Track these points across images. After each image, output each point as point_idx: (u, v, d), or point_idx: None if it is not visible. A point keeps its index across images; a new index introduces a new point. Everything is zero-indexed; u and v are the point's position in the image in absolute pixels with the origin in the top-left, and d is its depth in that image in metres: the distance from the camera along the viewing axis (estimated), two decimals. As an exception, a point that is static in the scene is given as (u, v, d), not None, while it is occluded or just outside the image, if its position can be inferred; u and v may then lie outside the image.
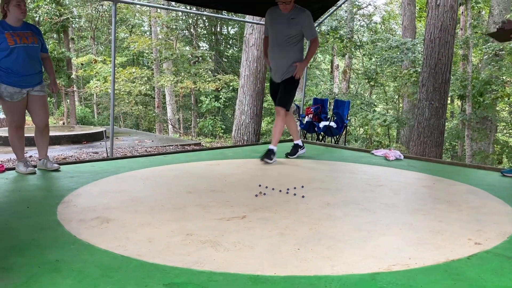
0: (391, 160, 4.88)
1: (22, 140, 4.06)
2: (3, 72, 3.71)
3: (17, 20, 3.77)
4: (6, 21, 3.74)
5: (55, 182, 3.61)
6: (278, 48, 4.56)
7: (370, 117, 11.33)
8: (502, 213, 2.82)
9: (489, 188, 3.51)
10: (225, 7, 6.30)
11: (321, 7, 6.13)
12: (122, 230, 2.41)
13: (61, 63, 15.70)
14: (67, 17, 16.27)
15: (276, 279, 1.80)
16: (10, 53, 3.68)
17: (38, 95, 3.96)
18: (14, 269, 1.89)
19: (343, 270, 1.90)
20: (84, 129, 11.51)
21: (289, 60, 4.53)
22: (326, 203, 2.99)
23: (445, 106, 7.54)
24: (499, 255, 2.08)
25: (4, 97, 3.75)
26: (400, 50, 12.48)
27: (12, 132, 3.95)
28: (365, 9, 19.49)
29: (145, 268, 1.91)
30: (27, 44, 3.78)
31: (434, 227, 2.49)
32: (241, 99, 9.22)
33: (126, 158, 5.04)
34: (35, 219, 2.59)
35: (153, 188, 3.42)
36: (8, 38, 3.67)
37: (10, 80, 3.73)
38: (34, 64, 3.87)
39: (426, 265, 1.96)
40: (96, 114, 20.91)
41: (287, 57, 4.53)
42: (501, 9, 11.36)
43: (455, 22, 7.43)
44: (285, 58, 4.54)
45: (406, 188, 3.57)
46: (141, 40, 15.69)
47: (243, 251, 2.11)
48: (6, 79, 3.72)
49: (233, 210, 2.80)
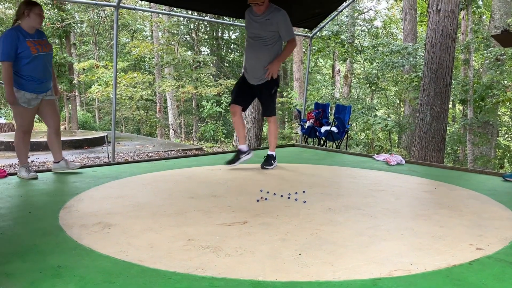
0: (393, 165, 4.88)
1: (27, 146, 4.09)
2: (24, 80, 3.76)
3: (32, 28, 3.82)
4: (22, 27, 3.78)
5: (57, 187, 3.62)
6: (252, 49, 4.44)
7: (372, 122, 11.33)
8: (503, 218, 2.81)
9: (490, 193, 3.51)
10: (226, 13, 6.32)
11: (322, 12, 6.16)
12: (123, 235, 2.41)
13: (63, 68, 15.76)
14: (69, 22, 16.36)
15: (277, 285, 1.81)
16: (32, 61, 3.74)
17: (51, 99, 4.05)
18: (16, 274, 1.89)
19: (345, 275, 1.90)
20: (86, 134, 11.53)
21: (263, 62, 4.36)
22: (328, 208, 2.99)
23: (446, 111, 7.54)
24: (500, 261, 2.08)
25: (21, 103, 3.81)
26: (401, 55, 12.48)
27: (19, 137, 3.99)
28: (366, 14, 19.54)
29: (146, 273, 1.91)
30: (46, 52, 3.89)
31: (435, 232, 2.49)
32: (242, 104, 9.22)
33: (127, 163, 5.05)
34: (37, 225, 2.60)
35: (155, 193, 3.42)
36: (31, 46, 3.74)
37: (31, 87, 3.80)
38: (49, 70, 3.97)
39: (427, 270, 1.96)
40: (97, 119, 20.95)
41: (260, 59, 4.37)
42: (502, 13, 11.38)
43: (456, 27, 7.45)
44: (258, 59, 4.37)
45: (408, 193, 3.57)
46: (142, 45, 15.73)
47: (244, 256, 2.11)
48: (28, 86, 3.78)
49: (234, 215, 2.80)
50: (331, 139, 7.25)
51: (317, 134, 7.43)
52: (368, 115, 12.05)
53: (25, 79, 3.75)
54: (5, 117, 18.23)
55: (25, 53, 3.70)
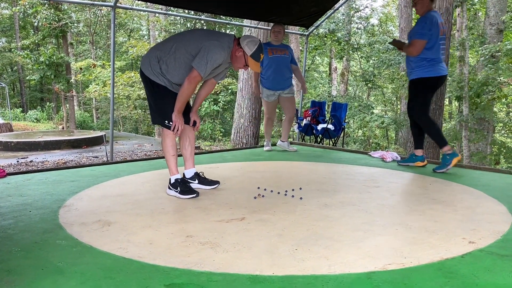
0: (388, 161, 4.93)
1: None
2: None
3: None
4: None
5: (56, 186, 3.66)
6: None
7: (368, 119, 11.38)
8: (496, 212, 2.86)
9: (484, 188, 3.56)
10: (222, 12, 6.35)
11: (318, 10, 6.20)
12: (123, 232, 2.45)
13: (60, 67, 15.77)
14: (65, 22, 16.34)
15: (274, 279, 1.85)
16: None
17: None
18: (18, 271, 1.93)
19: (340, 269, 1.94)
20: (84, 133, 11.55)
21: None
22: (324, 204, 3.03)
23: (442, 108, 7.60)
24: (492, 254, 2.13)
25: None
26: (397, 52, 12.53)
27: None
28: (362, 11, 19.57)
29: (146, 269, 1.95)
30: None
31: (429, 227, 2.54)
32: (239, 102, 9.27)
33: (126, 162, 5.09)
34: (38, 223, 2.64)
35: (153, 191, 3.46)
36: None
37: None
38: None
39: (421, 264, 2.00)
40: (95, 118, 20.96)
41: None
42: (497, 10, 11.44)
43: (451, 24, 7.49)
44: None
45: (403, 189, 3.61)
46: (139, 44, 15.75)
47: (242, 252, 2.15)
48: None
49: (232, 212, 2.84)
50: (327, 136, 7.29)
51: (313, 131, 7.47)
52: (364, 113, 12.10)
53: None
54: (2, 117, 18.22)
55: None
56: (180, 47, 3.12)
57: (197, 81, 3.09)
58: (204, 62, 3.00)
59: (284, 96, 5.54)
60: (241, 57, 3.15)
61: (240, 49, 3.13)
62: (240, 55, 3.15)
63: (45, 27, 16.27)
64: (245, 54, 3.12)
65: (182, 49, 3.11)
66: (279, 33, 5.48)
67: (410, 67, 4.36)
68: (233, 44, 3.15)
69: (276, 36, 5.48)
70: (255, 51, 3.11)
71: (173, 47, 3.14)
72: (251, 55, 3.11)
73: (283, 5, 5.79)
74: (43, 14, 15.98)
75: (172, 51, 3.13)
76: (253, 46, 3.10)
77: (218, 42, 3.08)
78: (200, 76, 3.04)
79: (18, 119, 20.66)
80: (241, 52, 3.13)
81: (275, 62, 5.41)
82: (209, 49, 3.02)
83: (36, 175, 4.15)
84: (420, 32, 4.22)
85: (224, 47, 3.09)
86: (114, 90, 7.79)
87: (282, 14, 6.04)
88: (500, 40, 11.56)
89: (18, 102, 25.80)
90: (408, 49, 4.30)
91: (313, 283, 1.80)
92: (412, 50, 4.25)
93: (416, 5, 4.33)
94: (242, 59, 3.16)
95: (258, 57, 3.14)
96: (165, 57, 3.14)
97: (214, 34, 3.21)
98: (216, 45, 3.05)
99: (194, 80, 3.05)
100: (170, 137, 3.28)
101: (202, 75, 3.04)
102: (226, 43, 3.12)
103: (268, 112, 5.74)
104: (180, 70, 3.13)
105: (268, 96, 5.53)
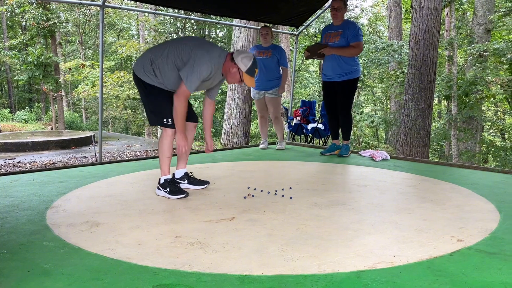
0: (378, 160, 4.95)
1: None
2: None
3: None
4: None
5: (44, 187, 3.61)
6: None
7: (358, 119, 11.42)
8: (484, 210, 2.88)
9: (472, 187, 3.58)
10: (212, 11, 6.34)
11: (307, 10, 6.20)
12: (111, 233, 2.43)
13: (49, 68, 15.62)
14: (54, 21, 16.19)
15: (263, 279, 1.84)
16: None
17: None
18: (3, 273, 1.90)
19: (329, 268, 1.94)
20: (73, 134, 11.46)
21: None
22: (314, 204, 3.03)
23: (430, 107, 7.65)
24: (480, 251, 2.14)
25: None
26: (386, 52, 12.61)
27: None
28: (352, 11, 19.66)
29: (134, 270, 1.93)
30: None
31: (418, 226, 2.55)
32: (230, 102, 9.25)
33: (115, 163, 5.05)
34: (25, 225, 2.60)
35: (143, 192, 3.44)
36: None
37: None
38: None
39: (410, 262, 2.01)
40: (84, 119, 20.81)
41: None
42: (485, 10, 11.55)
43: (439, 24, 7.55)
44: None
45: (392, 188, 3.63)
46: (129, 44, 15.67)
47: (231, 252, 2.14)
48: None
49: (222, 212, 2.83)
50: (317, 136, 7.31)
51: (304, 131, 7.48)
52: (354, 112, 12.15)
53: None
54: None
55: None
56: (173, 51, 3.12)
57: (186, 95, 3.09)
58: (190, 72, 3.02)
59: (267, 96, 5.70)
60: (236, 73, 3.14)
61: (235, 64, 3.11)
62: (235, 71, 3.13)
63: (33, 26, 16.11)
64: (240, 70, 3.10)
65: (175, 54, 3.11)
66: (267, 35, 5.59)
67: (349, 65, 4.93)
68: (224, 59, 3.14)
69: (265, 38, 5.60)
70: (250, 66, 3.09)
71: (165, 50, 3.14)
72: (246, 71, 3.09)
73: (272, 4, 5.79)
74: (31, 14, 15.82)
75: (165, 54, 3.13)
76: (248, 61, 3.09)
77: (207, 53, 3.07)
78: (188, 91, 3.05)
79: (6, 120, 20.44)
80: (235, 68, 3.12)
81: (259, 63, 5.48)
82: (197, 59, 3.03)
83: (24, 176, 4.11)
84: (361, 35, 4.92)
85: (212, 59, 3.08)
86: (104, 90, 7.74)
87: (271, 13, 6.04)
88: (488, 39, 11.67)
89: (6, 103, 25.52)
90: (355, 50, 4.87)
91: (302, 283, 1.80)
92: (359, 50, 4.91)
93: (339, 13, 4.96)
94: (237, 75, 3.14)
95: (253, 72, 3.12)
96: (158, 60, 3.13)
97: (206, 44, 3.20)
98: (204, 56, 3.05)
99: (183, 94, 3.07)
100: (169, 139, 3.26)
101: (190, 89, 3.05)
102: (216, 56, 3.11)
103: (259, 111, 5.88)
104: (172, 73, 3.13)
105: (254, 95, 5.81)
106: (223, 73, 3.22)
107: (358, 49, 4.90)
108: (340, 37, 4.93)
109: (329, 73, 5.07)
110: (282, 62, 5.61)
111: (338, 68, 4.96)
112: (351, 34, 4.86)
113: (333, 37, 5.00)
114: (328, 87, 5.17)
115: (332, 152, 5.42)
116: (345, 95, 5.05)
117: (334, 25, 5.06)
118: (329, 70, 5.06)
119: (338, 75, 4.98)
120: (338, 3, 4.93)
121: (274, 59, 5.53)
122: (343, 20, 5.00)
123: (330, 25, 5.15)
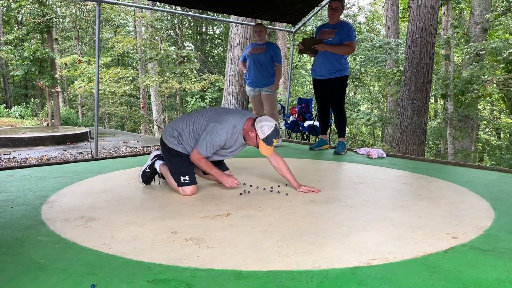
0: (374, 158, 4.96)
1: None
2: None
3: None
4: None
5: (39, 182, 3.60)
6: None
7: (355, 117, 11.44)
8: (479, 208, 2.90)
9: (467, 185, 3.60)
10: (209, 8, 6.32)
11: (305, 7, 6.20)
12: (107, 229, 2.42)
13: (45, 63, 15.54)
14: (50, 17, 16.11)
15: (258, 274, 1.84)
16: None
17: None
18: (-2, 268, 1.90)
19: (324, 264, 1.94)
20: (69, 130, 11.42)
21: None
22: (309, 201, 3.04)
23: (427, 105, 7.67)
24: (474, 248, 2.15)
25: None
26: (383, 50, 12.63)
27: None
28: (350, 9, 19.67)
29: (129, 265, 1.93)
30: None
31: (413, 223, 2.55)
32: (226, 99, 9.24)
33: (111, 159, 5.04)
34: (19, 219, 2.59)
35: (138, 187, 3.43)
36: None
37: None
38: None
39: (404, 259, 2.02)
40: (80, 115, 20.73)
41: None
42: (481, 9, 11.58)
43: (436, 22, 7.57)
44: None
45: (388, 185, 3.64)
46: (125, 40, 15.62)
47: (226, 247, 2.14)
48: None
49: (217, 208, 2.83)
50: (314, 133, 7.31)
51: (300, 128, 7.49)
52: (351, 110, 12.16)
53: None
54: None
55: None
56: (197, 120, 3.22)
57: (201, 159, 3.16)
58: (204, 143, 3.10)
59: (263, 93, 5.71)
60: (254, 138, 3.13)
61: (254, 130, 3.10)
62: (253, 135, 3.13)
63: (29, 22, 16.02)
64: (258, 136, 3.09)
65: (198, 123, 3.21)
66: (261, 32, 5.62)
67: (340, 64, 5.02)
68: (243, 125, 3.14)
69: (259, 35, 5.63)
70: (268, 136, 3.06)
71: (192, 118, 3.25)
72: (263, 139, 3.07)
73: (270, 1, 5.79)
74: (27, 9, 15.73)
75: (191, 122, 3.23)
76: (267, 130, 3.06)
77: (221, 125, 3.10)
78: (202, 156, 3.13)
79: (1, 115, 20.34)
80: (254, 133, 3.11)
81: (252, 60, 5.61)
82: (211, 131, 3.10)
83: (19, 171, 4.09)
84: (355, 35, 5.02)
85: (227, 129, 3.10)
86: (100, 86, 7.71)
87: (268, 10, 6.04)
88: (485, 39, 11.70)
89: (1, 98, 25.39)
90: (348, 48, 4.98)
91: (297, 278, 1.80)
92: (351, 50, 5.03)
93: (337, 13, 5.09)
94: (254, 140, 3.14)
95: (270, 142, 3.09)
96: (181, 128, 3.24)
97: (224, 115, 3.19)
98: (219, 129, 3.09)
99: (197, 158, 3.16)
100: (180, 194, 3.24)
101: (201, 153, 3.13)
102: (230, 126, 3.12)
103: (254, 108, 5.87)
104: (192, 141, 3.22)
105: (249, 92, 5.82)
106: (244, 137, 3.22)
107: (350, 48, 5.00)
108: (334, 35, 5.00)
109: (319, 70, 5.15)
110: (275, 59, 5.62)
111: (328, 65, 5.03)
112: (345, 34, 4.95)
113: (327, 34, 5.06)
114: (318, 83, 5.26)
115: (320, 147, 5.54)
116: (335, 92, 5.13)
117: (329, 24, 5.14)
118: (318, 66, 5.14)
119: (328, 72, 5.06)
120: (336, 4, 5.02)
121: (267, 55, 5.54)
122: (339, 20, 5.10)
123: (326, 24, 5.25)
